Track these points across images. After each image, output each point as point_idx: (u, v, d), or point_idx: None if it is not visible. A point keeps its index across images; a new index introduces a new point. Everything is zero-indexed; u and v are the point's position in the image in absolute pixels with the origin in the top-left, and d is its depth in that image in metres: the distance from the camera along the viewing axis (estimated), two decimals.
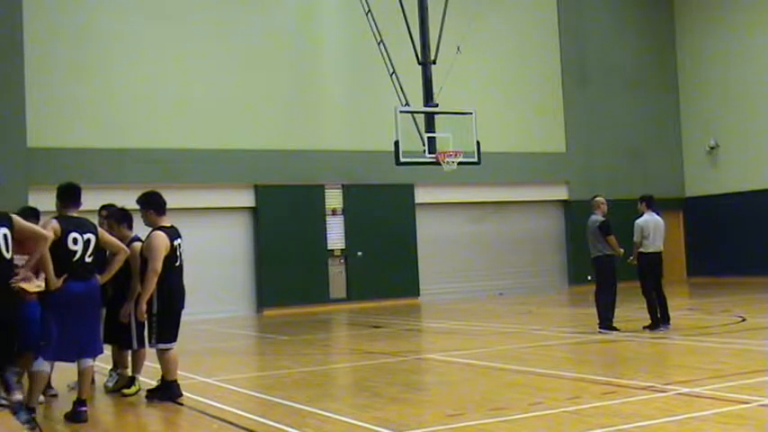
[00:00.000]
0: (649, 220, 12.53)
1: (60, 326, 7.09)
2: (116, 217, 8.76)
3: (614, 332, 12.16)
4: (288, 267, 20.59)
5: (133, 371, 8.80)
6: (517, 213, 24.21)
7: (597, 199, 12.92)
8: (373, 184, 21.68)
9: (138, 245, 8.41)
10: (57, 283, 7.04)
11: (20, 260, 7.99)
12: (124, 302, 8.37)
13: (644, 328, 12.36)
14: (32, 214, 8.15)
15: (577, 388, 8.01)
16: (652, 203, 12.74)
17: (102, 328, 8.37)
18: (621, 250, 12.53)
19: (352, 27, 21.28)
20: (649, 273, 12.43)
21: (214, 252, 19.99)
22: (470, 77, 22.15)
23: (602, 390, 7.71)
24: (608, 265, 12.47)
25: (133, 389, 8.58)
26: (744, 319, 13.61)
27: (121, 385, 8.78)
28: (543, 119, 24.39)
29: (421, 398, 8.14)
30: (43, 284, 7.18)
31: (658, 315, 12.35)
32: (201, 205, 20.00)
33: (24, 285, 7.47)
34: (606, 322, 12.36)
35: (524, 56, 24.19)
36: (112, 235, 8.38)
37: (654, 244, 12.47)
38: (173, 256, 7.99)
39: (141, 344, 8.58)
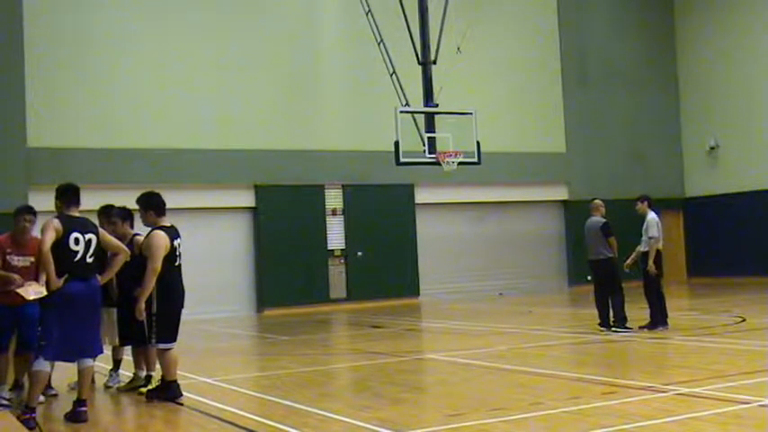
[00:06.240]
0: (657, 218, 12.55)
1: (60, 326, 7.07)
2: (122, 214, 8.85)
3: (629, 331, 12.09)
4: (288, 267, 20.58)
5: (147, 368, 8.84)
6: (517, 213, 24.20)
7: (596, 201, 13.05)
8: (373, 184, 21.67)
9: (140, 238, 8.44)
10: (57, 283, 7.03)
11: (20, 260, 8.01)
12: (133, 302, 8.33)
13: (640, 327, 12.33)
14: (29, 212, 8.13)
15: (577, 388, 8.00)
16: (652, 203, 12.79)
17: (118, 330, 8.58)
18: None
19: (352, 27, 21.27)
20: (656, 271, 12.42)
21: (214, 252, 19.99)
22: (470, 77, 22.13)
23: (602, 390, 7.71)
24: (613, 268, 12.48)
25: (150, 387, 8.56)
26: (744, 320, 13.60)
27: (137, 385, 8.81)
28: (543, 119, 24.38)
29: (421, 398, 8.14)
30: (44, 289, 7.16)
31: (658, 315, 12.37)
32: (201, 205, 19.99)
33: (21, 291, 7.43)
34: (622, 321, 12.32)
35: (524, 56, 24.17)
36: (116, 232, 8.42)
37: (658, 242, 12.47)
38: (172, 256, 7.99)
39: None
